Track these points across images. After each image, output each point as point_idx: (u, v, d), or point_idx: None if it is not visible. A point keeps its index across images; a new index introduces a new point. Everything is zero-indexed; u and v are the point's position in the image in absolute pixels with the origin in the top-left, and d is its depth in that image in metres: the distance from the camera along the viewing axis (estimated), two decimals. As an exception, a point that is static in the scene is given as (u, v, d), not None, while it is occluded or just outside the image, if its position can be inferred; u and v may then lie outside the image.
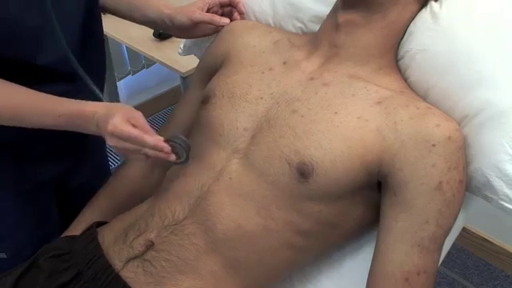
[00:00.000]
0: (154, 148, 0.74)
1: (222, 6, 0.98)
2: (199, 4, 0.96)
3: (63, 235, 0.92)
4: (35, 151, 0.97)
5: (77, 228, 0.91)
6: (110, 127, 0.73)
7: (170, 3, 0.99)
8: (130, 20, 1.02)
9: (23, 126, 0.82)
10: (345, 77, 0.79)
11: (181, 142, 0.77)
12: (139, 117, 0.76)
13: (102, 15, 1.00)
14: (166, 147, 0.75)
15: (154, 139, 0.74)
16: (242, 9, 0.99)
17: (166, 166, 0.91)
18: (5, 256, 0.98)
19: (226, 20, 0.97)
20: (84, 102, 0.80)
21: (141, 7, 0.99)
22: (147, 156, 0.76)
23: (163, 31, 1.38)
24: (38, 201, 1.01)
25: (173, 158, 0.76)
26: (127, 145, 0.74)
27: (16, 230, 0.99)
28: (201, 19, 0.95)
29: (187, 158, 0.78)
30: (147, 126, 0.75)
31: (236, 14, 0.98)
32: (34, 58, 0.84)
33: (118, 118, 0.74)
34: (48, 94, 0.82)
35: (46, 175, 1.00)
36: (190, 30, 0.98)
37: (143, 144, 0.74)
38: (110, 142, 0.75)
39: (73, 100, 0.81)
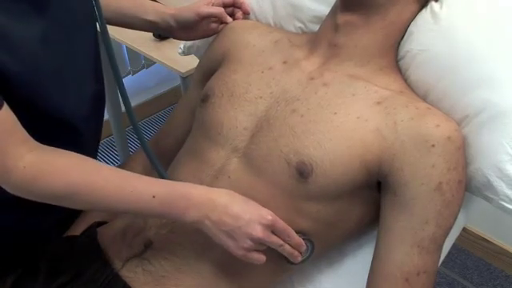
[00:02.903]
0: (296, 244, 0.73)
1: (225, 6, 0.98)
2: (204, 2, 0.96)
3: (64, 236, 0.92)
4: None
5: (77, 228, 0.91)
6: (270, 217, 0.70)
7: (171, 4, 0.99)
8: (126, 27, 1.00)
9: (102, 209, 0.75)
10: (345, 77, 0.79)
11: (308, 241, 0.76)
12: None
13: None
14: (304, 246, 0.74)
15: (300, 240, 0.73)
16: (248, 9, 0.98)
17: (166, 163, 0.91)
18: None
19: (229, 18, 0.97)
20: (182, 183, 0.75)
21: (136, 13, 0.98)
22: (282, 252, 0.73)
23: (162, 33, 1.38)
24: None
25: (299, 257, 0.75)
26: (274, 239, 0.71)
27: None
28: (209, 13, 0.95)
29: (307, 258, 0.77)
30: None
31: (240, 14, 0.98)
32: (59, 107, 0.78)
33: (268, 210, 0.71)
34: (136, 174, 0.74)
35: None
36: (192, 29, 0.98)
37: (290, 240, 0.72)
38: (261, 233, 0.69)
39: (167, 181, 0.76)
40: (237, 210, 0.70)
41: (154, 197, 0.71)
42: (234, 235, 0.70)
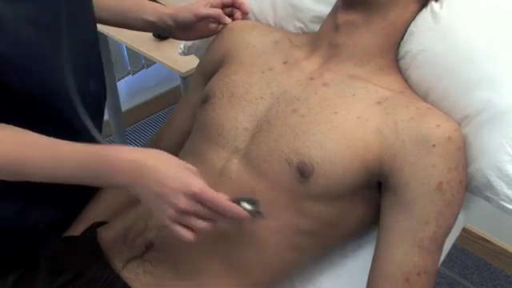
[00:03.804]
0: (232, 213, 0.66)
1: (224, 6, 0.98)
2: (202, 2, 0.96)
3: (64, 236, 0.92)
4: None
5: (77, 228, 0.91)
6: (195, 188, 0.65)
7: (171, 4, 0.99)
8: (125, 27, 1.00)
9: (27, 178, 0.72)
10: (345, 77, 0.79)
11: (251, 202, 0.69)
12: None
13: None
14: (245, 214, 0.67)
15: (235, 208, 0.66)
16: (247, 9, 0.98)
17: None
18: None
19: (228, 19, 0.96)
20: (105, 146, 0.71)
21: (136, 13, 0.97)
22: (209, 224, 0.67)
23: (162, 33, 1.38)
24: None
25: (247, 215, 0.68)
26: (199, 209, 0.65)
27: None
28: (207, 14, 0.94)
29: (258, 212, 0.70)
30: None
31: (238, 14, 0.98)
32: (37, 89, 0.76)
33: (199, 180, 0.66)
34: (60, 140, 0.71)
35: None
36: (191, 29, 0.98)
37: (222, 209, 0.66)
38: (181, 203, 0.64)
39: (91, 145, 0.71)
40: (164, 175, 0.66)
41: (75, 161, 0.68)
42: (160, 202, 0.66)
